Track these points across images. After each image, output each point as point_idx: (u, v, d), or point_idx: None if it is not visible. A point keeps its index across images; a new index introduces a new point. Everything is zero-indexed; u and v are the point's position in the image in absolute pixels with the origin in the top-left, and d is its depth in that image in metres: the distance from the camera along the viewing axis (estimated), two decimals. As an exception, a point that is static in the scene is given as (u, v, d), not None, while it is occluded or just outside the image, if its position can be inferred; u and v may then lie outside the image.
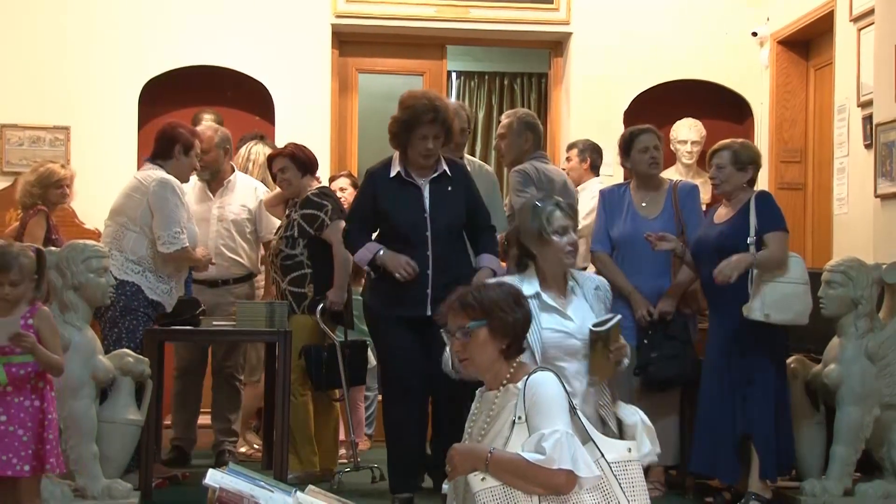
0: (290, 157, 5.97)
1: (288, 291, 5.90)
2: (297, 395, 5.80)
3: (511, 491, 3.25)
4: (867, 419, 5.25)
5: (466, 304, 3.47)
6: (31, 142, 7.60)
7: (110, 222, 5.71)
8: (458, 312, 3.48)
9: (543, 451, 3.23)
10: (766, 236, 5.19)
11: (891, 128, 6.31)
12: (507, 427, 3.35)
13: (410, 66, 8.54)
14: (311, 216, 5.87)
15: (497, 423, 3.40)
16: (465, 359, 3.48)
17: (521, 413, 3.33)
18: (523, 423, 3.32)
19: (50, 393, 4.24)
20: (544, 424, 3.29)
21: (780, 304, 5.12)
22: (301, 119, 7.89)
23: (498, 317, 3.44)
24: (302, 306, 5.87)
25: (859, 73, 6.86)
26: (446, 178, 5.20)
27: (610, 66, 8.14)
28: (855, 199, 6.87)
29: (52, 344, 4.24)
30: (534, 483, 3.25)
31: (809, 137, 8.01)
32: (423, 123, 5.06)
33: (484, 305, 3.45)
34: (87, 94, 7.71)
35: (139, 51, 7.82)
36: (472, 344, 3.45)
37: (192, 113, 7.86)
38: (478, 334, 3.43)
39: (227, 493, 3.12)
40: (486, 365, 3.47)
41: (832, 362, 5.34)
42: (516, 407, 3.35)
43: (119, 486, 4.96)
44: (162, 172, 5.68)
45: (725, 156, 5.38)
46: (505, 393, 3.43)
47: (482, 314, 3.44)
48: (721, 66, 8.29)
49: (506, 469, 3.26)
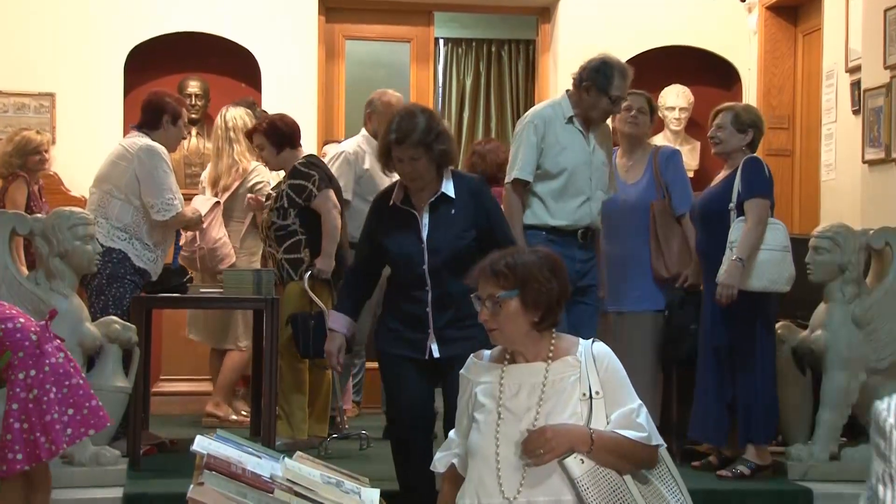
0: (265, 133, 5.94)
1: (284, 261, 5.89)
2: (293, 363, 5.81)
3: (607, 472, 3.08)
4: (853, 384, 5.27)
5: (498, 271, 3.22)
6: (16, 109, 7.54)
7: (95, 190, 5.67)
8: (488, 279, 3.23)
9: (641, 427, 3.11)
10: (745, 203, 5.18)
11: (878, 93, 6.30)
12: (579, 403, 3.15)
13: (397, 32, 8.50)
14: (300, 186, 5.85)
15: (562, 399, 3.16)
16: (494, 329, 3.23)
17: (598, 387, 3.15)
18: (601, 398, 3.14)
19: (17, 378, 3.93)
20: (626, 399, 3.16)
21: (755, 271, 5.13)
22: (287, 86, 7.85)
23: (532, 287, 3.19)
24: (299, 271, 5.87)
25: (847, 39, 6.84)
26: (447, 199, 4.39)
27: (598, 32, 8.09)
28: (842, 166, 6.88)
29: None
30: (634, 462, 3.12)
31: (797, 103, 8.00)
32: (392, 145, 4.37)
33: (517, 274, 3.20)
34: (72, 61, 7.65)
35: (125, 17, 7.75)
36: (501, 314, 3.20)
37: (177, 80, 7.82)
38: (508, 305, 3.19)
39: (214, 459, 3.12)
40: (517, 337, 3.23)
41: (819, 328, 5.35)
42: (586, 380, 3.16)
43: (107, 452, 4.95)
44: (147, 140, 5.65)
45: (726, 116, 5.38)
46: (562, 366, 3.20)
47: (514, 283, 3.19)
48: (709, 32, 8.27)
49: (609, 449, 3.08)
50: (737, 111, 5.41)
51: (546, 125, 5.22)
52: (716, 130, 5.39)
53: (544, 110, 5.33)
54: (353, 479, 3.52)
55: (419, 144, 4.30)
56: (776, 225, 5.23)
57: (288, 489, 3.14)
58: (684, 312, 5.57)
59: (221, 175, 6.54)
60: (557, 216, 5.23)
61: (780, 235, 5.20)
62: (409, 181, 4.40)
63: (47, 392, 3.88)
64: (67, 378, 3.96)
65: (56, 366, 3.93)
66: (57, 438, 3.87)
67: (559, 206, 5.23)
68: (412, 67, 8.47)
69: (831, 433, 5.30)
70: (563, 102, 5.32)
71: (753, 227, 5.13)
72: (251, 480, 3.06)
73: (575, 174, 5.21)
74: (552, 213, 5.23)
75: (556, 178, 5.22)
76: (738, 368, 5.22)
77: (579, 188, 5.23)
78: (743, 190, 5.21)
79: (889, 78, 6.19)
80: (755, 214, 5.15)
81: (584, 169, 5.24)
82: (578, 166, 5.23)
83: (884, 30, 6.21)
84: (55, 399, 3.90)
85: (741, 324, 5.20)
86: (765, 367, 5.24)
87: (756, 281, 5.13)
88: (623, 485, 3.09)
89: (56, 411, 3.89)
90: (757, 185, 5.22)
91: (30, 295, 4.94)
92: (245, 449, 3.39)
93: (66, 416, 3.96)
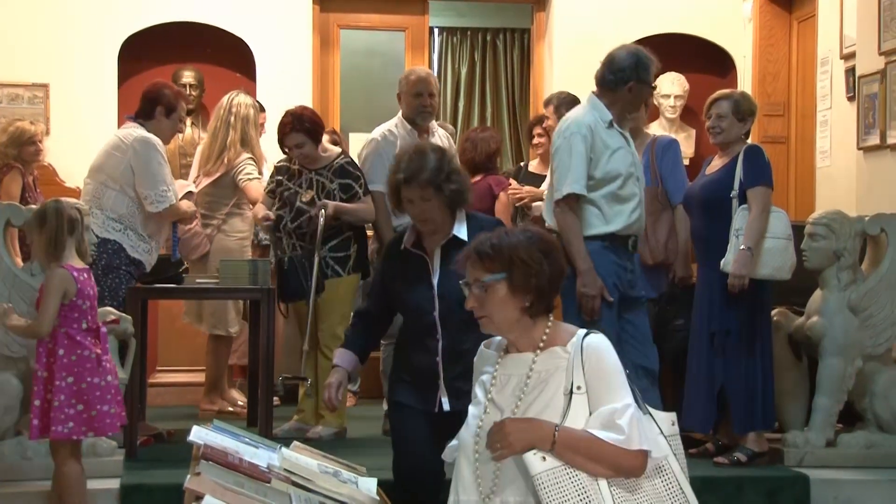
0: (306, 132, 5.78)
1: (329, 258, 5.78)
2: None
3: (575, 473, 2.82)
4: (849, 370, 5.28)
5: (483, 253, 3.00)
6: (10, 99, 7.54)
7: (90, 180, 5.65)
8: (474, 263, 3.02)
9: (620, 429, 2.81)
10: (748, 191, 5.18)
11: (873, 80, 6.31)
12: (560, 397, 2.91)
13: (392, 21, 8.49)
14: (347, 186, 5.79)
15: (545, 393, 2.93)
16: (483, 316, 3.01)
17: (581, 382, 2.89)
18: (583, 393, 2.89)
19: (61, 360, 4.30)
20: (612, 397, 2.87)
21: (761, 259, 5.12)
22: (282, 76, 7.84)
23: (520, 269, 2.96)
24: (347, 267, 5.83)
25: (842, 26, 6.85)
26: (460, 243, 3.97)
27: (593, 20, 8.10)
28: (838, 152, 6.88)
29: (41, 306, 4.33)
30: (607, 465, 2.83)
31: (792, 90, 8.00)
32: (401, 185, 4.12)
33: (503, 256, 2.97)
34: (65, 51, 7.64)
35: (119, 7, 7.75)
36: (489, 299, 2.98)
37: (172, 70, 7.81)
38: (496, 289, 2.97)
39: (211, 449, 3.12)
40: (507, 324, 3.00)
41: (815, 314, 5.36)
42: (570, 373, 2.91)
43: (104, 443, 4.95)
44: (142, 131, 5.62)
45: (726, 105, 5.33)
46: (549, 356, 2.97)
47: (501, 266, 2.97)
48: (704, 19, 8.27)
49: (575, 449, 2.82)
50: (735, 99, 5.37)
51: (592, 133, 4.91)
52: (717, 120, 5.34)
53: (585, 118, 4.95)
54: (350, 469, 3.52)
55: (429, 184, 4.06)
56: (778, 213, 5.23)
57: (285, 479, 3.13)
58: (671, 308, 5.57)
59: (211, 157, 6.38)
60: (614, 222, 4.93)
61: (782, 223, 5.21)
62: (419, 223, 4.14)
63: (63, 378, 4.24)
64: (91, 375, 4.28)
65: (83, 359, 4.28)
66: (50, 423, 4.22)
67: (615, 210, 4.93)
68: (407, 56, 8.46)
69: (827, 419, 5.30)
70: (598, 106, 4.99)
71: (758, 215, 5.12)
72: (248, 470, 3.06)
73: (627, 177, 4.94)
74: (608, 218, 4.93)
75: (611, 183, 4.91)
76: (734, 355, 5.22)
77: (631, 191, 4.97)
78: (746, 179, 5.19)
79: (884, 64, 6.19)
80: (760, 203, 5.14)
81: (632, 171, 4.99)
82: (628, 168, 4.96)
83: (878, 16, 6.21)
84: (65, 387, 4.24)
85: (738, 310, 5.20)
86: (762, 354, 5.24)
87: (762, 269, 5.13)
88: (595, 489, 2.83)
89: (63, 399, 4.23)
90: (760, 174, 5.21)
91: (25, 286, 4.93)
92: (242, 439, 3.39)
93: (73, 409, 4.25)
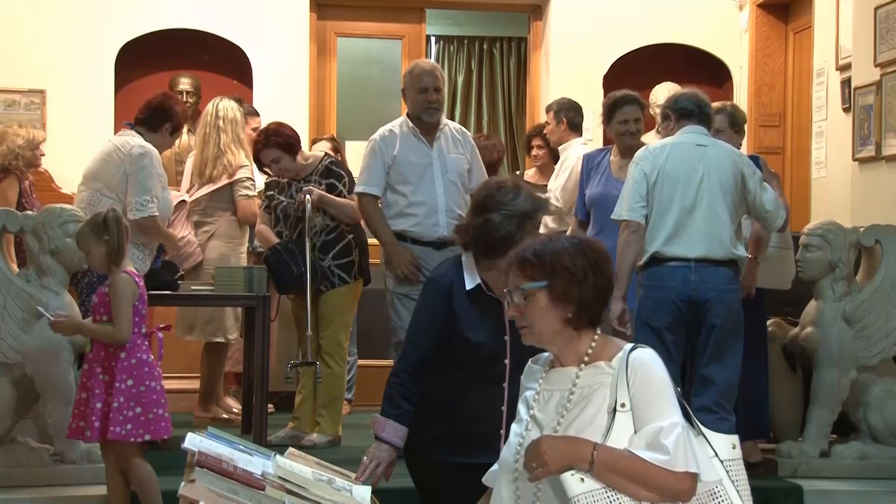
0: (277, 146, 5.76)
1: (335, 266, 5.80)
2: (339, 364, 5.89)
3: (616, 495, 2.64)
4: (844, 381, 5.29)
5: (525, 259, 2.83)
6: (7, 105, 7.53)
7: (84, 187, 5.60)
8: (516, 269, 2.85)
9: (664, 449, 2.62)
10: None
11: (869, 91, 6.32)
12: (604, 415, 2.73)
13: (389, 29, 8.51)
14: (331, 185, 5.80)
15: (587, 410, 2.76)
16: (524, 326, 2.83)
17: (625, 399, 2.71)
18: (628, 411, 2.70)
19: (122, 363, 4.37)
20: (659, 416, 2.67)
21: (763, 270, 5.15)
22: (279, 83, 7.85)
23: (562, 278, 2.78)
24: (352, 272, 5.84)
25: (838, 37, 6.86)
26: None
27: (589, 29, 8.12)
28: (833, 163, 6.89)
29: (115, 312, 4.38)
30: (650, 488, 2.64)
31: (788, 101, 8.02)
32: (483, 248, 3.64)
33: (545, 263, 2.80)
34: (62, 58, 7.64)
35: (116, 14, 7.75)
36: (529, 308, 2.80)
37: (168, 77, 7.82)
38: (536, 297, 2.79)
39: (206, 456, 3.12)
40: (548, 335, 2.82)
41: (809, 325, 5.37)
42: (615, 390, 2.73)
43: (98, 450, 4.94)
44: (141, 140, 5.56)
45: (721, 119, 5.32)
46: (594, 372, 2.79)
47: (542, 274, 2.80)
48: (700, 29, 8.28)
49: (616, 470, 2.63)
50: (730, 112, 5.39)
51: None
52: (716, 135, 5.35)
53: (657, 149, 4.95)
54: (344, 477, 3.52)
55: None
56: None
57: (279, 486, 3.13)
58: None
59: (207, 163, 6.38)
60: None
61: (784, 234, 5.22)
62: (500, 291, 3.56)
63: (123, 381, 4.36)
64: (148, 379, 4.40)
65: (142, 363, 4.40)
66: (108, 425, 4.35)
67: None
68: (404, 65, 8.44)
69: (821, 430, 5.31)
70: None
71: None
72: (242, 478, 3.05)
73: None
74: None
75: None
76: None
77: None
78: None
79: (879, 76, 6.21)
80: None
81: None
82: None
83: (874, 28, 6.23)
84: (124, 390, 4.35)
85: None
86: (756, 364, 5.24)
87: (764, 279, 5.15)
88: None
89: (122, 401, 4.35)
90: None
91: (20, 292, 4.93)
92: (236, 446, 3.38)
93: (131, 411, 4.37)
